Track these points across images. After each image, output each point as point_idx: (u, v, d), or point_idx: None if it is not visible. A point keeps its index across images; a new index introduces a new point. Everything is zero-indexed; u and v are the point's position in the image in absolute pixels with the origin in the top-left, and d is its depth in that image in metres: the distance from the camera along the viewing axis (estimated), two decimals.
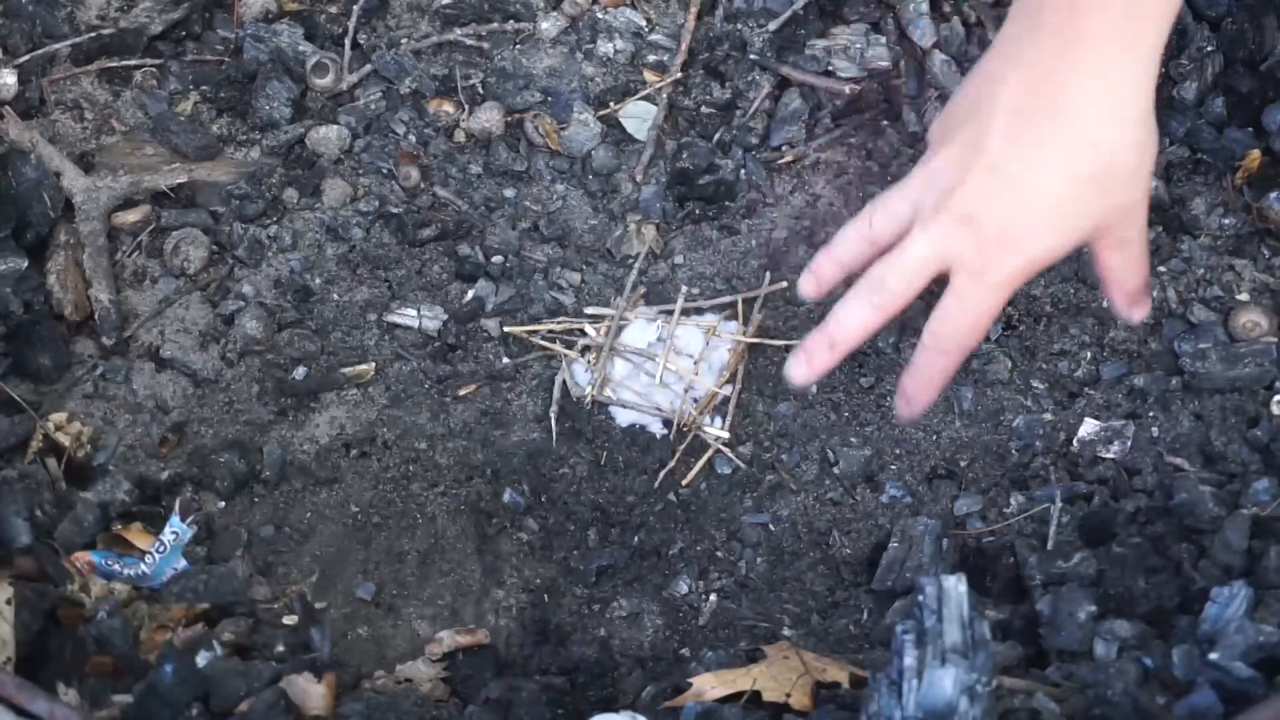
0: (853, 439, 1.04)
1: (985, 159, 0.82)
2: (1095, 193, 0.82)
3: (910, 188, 0.86)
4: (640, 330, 1.08)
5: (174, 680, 0.81)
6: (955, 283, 0.84)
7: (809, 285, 0.91)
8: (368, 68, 1.18)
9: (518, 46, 1.19)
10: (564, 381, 1.06)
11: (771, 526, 1.02)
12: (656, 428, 1.05)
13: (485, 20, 1.20)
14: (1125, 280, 0.89)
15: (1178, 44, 1.09)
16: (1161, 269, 1.06)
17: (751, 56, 1.16)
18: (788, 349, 1.06)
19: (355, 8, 1.19)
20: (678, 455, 1.03)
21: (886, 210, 0.87)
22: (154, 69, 1.19)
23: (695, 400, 1.05)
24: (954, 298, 0.84)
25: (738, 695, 0.85)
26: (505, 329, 1.09)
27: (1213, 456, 0.97)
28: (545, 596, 1.01)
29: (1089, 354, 1.05)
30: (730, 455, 1.04)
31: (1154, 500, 0.95)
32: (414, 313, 1.09)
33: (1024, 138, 0.81)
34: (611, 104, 1.16)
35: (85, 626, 0.88)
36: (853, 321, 0.86)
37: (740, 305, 1.08)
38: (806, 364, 0.87)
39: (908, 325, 1.06)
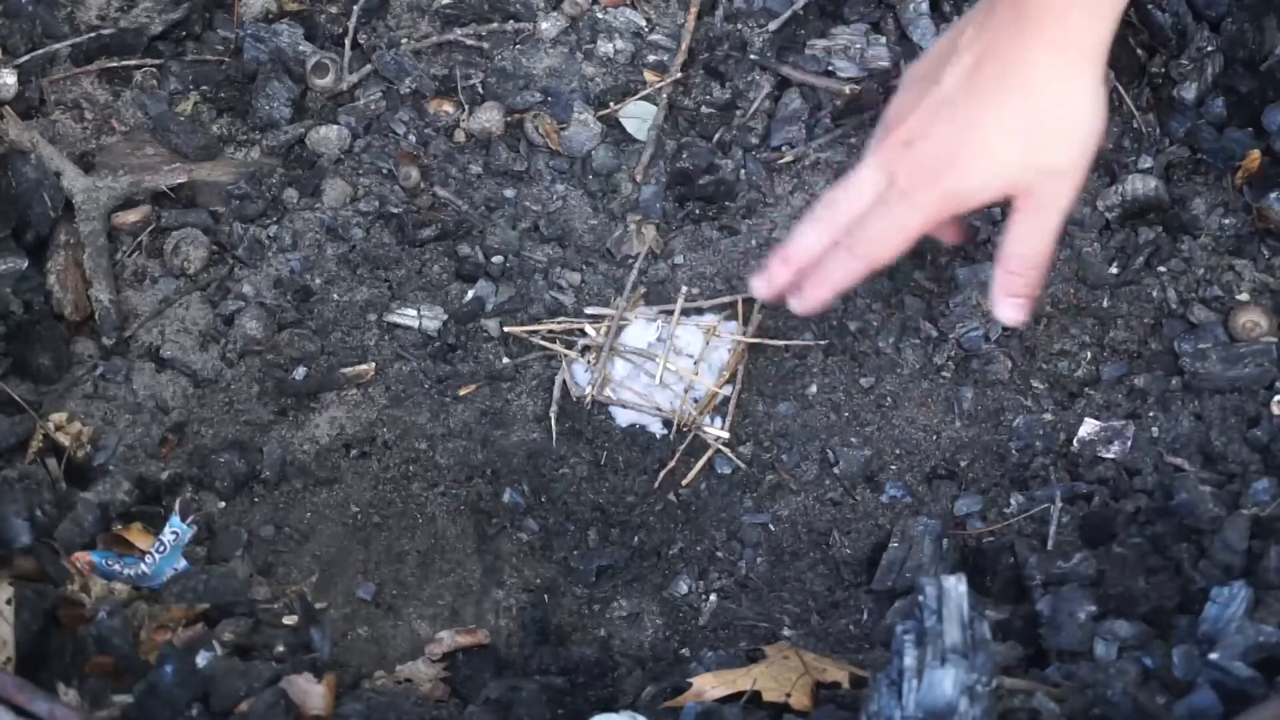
0: (853, 439, 1.04)
1: (935, 95, 0.89)
2: (1027, 145, 0.88)
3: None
4: (640, 330, 1.07)
5: (174, 680, 0.81)
6: (886, 195, 0.91)
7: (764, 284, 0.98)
8: (368, 68, 1.18)
9: (518, 46, 1.19)
10: (564, 381, 1.06)
11: (771, 526, 1.02)
12: (656, 428, 1.05)
13: (485, 20, 1.20)
14: (1020, 252, 0.92)
15: (1178, 44, 1.09)
16: (1161, 269, 1.06)
17: (751, 56, 1.16)
18: (788, 349, 1.06)
19: (355, 8, 1.19)
20: (678, 455, 1.03)
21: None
22: (154, 69, 1.19)
23: (695, 400, 1.05)
24: (882, 208, 0.91)
25: (738, 695, 0.85)
26: (505, 329, 1.09)
27: (1213, 456, 0.97)
28: (545, 596, 1.00)
29: (1089, 354, 1.05)
30: (730, 455, 1.04)
31: (1154, 500, 0.95)
32: (414, 313, 1.09)
33: (971, 84, 0.88)
34: (611, 104, 1.16)
35: (85, 626, 0.88)
36: (805, 239, 0.95)
37: (740, 305, 1.08)
38: (767, 281, 0.97)
39: (907, 325, 1.06)
